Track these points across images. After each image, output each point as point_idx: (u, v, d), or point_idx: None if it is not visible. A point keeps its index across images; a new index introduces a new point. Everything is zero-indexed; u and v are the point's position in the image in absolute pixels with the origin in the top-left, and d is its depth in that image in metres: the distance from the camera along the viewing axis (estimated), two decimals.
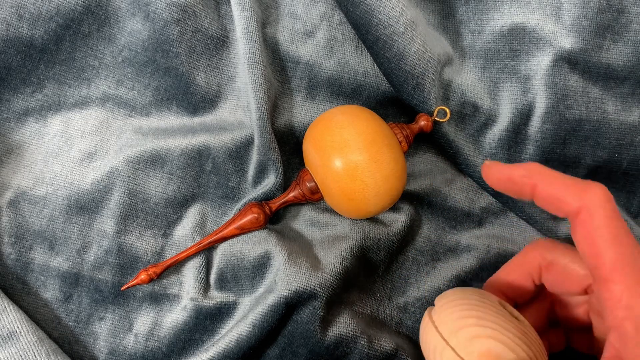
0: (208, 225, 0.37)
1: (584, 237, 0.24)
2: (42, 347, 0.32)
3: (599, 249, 0.23)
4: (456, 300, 0.28)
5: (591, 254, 0.24)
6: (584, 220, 0.24)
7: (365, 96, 0.39)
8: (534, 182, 0.26)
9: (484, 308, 0.26)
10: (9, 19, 0.35)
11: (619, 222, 0.24)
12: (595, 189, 0.24)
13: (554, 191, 0.25)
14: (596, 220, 0.24)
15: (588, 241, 0.24)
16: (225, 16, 0.39)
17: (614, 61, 0.38)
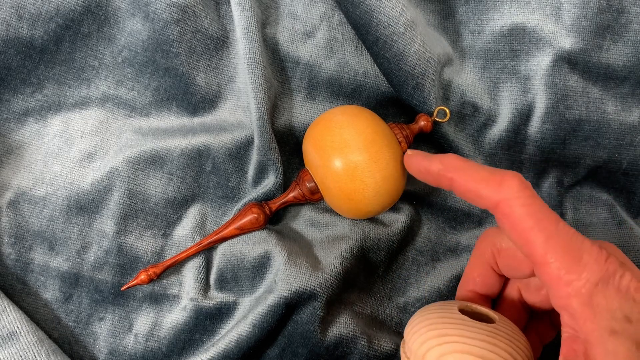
0: (208, 226, 0.37)
1: (509, 228, 0.24)
2: (42, 348, 0.32)
3: (527, 237, 0.24)
4: (418, 324, 0.27)
5: (520, 243, 0.24)
6: (504, 212, 0.24)
7: (365, 96, 0.39)
8: (450, 176, 0.27)
9: (445, 323, 0.26)
10: (9, 19, 0.35)
11: (537, 206, 0.24)
12: (509, 179, 0.25)
13: (470, 185, 0.26)
14: (516, 210, 0.24)
15: (514, 232, 0.24)
16: (225, 16, 0.39)
17: (614, 61, 0.38)
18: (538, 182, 0.39)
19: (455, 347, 0.25)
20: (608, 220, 0.39)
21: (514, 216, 0.24)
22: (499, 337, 0.25)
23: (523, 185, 0.25)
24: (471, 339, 0.25)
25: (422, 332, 0.27)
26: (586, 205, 0.40)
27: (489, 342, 0.25)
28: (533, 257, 0.24)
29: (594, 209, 0.39)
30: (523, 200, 0.24)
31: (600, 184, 0.40)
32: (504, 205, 0.24)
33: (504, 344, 0.25)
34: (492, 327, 0.26)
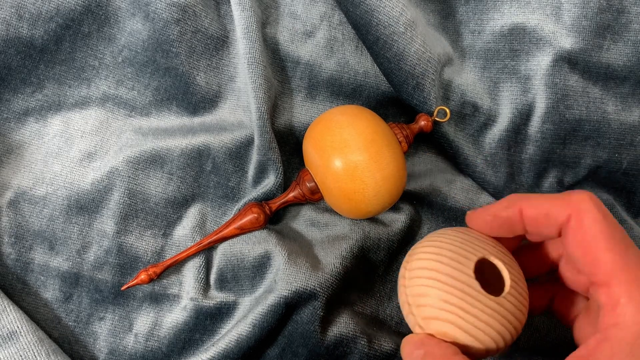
0: (208, 225, 0.37)
1: (576, 242, 0.23)
2: (42, 347, 0.32)
3: (594, 254, 0.23)
4: (424, 267, 0.26)
5: (586, 260, 0.23)
6: (574, 226, 0.23)
7: (365, 96, 0.39)
8: (518, 207, 0.26)
9: (450, 286, 0.25)
10: (9, 19, 0.35)
11: (610, 223, 0.23)
12: (580, 194, 0.24)
13: (540, 208, 0.25)
14: (586, 224, 0.23)
15: (581, 247, 0.23)
16: (225, 16, 0.39)
17: (614, 61, 0.38)
18: (538, 182, 0.39)
19: (450, 317, 0.25)
20: None
21: (583, 229, 0.23)
22: (498, 314, 0.25)
23: (595, 200, 0.24)
24: (469, 315, 0.25)
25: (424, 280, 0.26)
26: None
27: (485, 322, 0.24)
28: (595, 277, 0.23)
29: None
30: (594, 215, 0.23)
31: (601, 183, 0.40)
32: (574, 218, 0.23)
33: (500, 326, 0.25)
34: (497, 302, 0.25)
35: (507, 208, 0.26)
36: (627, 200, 0.40)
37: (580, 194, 0.24)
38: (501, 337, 0.25)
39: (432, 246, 0.27)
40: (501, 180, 0.39)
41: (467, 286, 0.25)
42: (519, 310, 0.26)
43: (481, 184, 0.39)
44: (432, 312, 0.25)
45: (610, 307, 0.22)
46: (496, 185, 0.39)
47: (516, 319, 0.25)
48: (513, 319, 0.25)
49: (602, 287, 0.22)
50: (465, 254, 0.26)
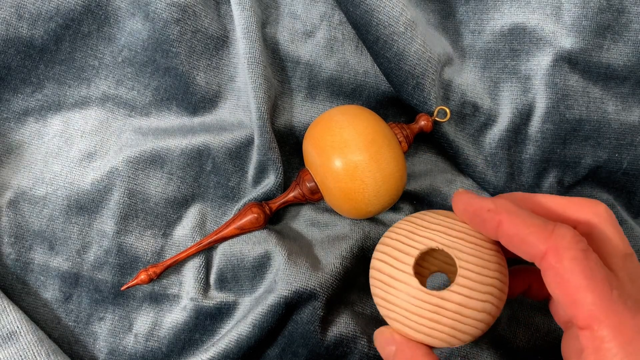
0: (208, 225, 0.37)
1: (555, 282, 0.22)
2: (42, 347, 0.32)
3: (573, 296, 0.21)
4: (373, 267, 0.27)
5: (565, 300, 0.22)
6: (552, 264, 0.22)
7: (365, 96, 0.39)
8: (499, 218, 0.24)
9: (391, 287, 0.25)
10: (9, 18, 0.35)
11: (592, 262, 0.22)
12: (562, 228, 0.22)
13: (518, 231, 0.23)
14: (565, 263, 0.21)
15: (560, 286, 0.22)
16: (225, 16, 0.39)
17: (614, 61, 0.38)
18: (538, 182, 0.39)
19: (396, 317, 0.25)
20: None
21: (562, 269, 0.21)
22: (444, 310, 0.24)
23: (577, 237, 0.22)
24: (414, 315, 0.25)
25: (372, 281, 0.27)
26: None
27: (431, 319, 0.24)
28: (576, 319, 0.21)
29: None
30: (575, 253, 0.21)
31: (601, 183, 0.40)
32: (552, 254, 0.22)
33: (448, 320, 0.24)
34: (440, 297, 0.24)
35: (488, 212, 0.25)
36: (627, 201, 0.40)
37: (563, 229, 0.22)
38: (457, 331, 0.24)
39: (382, 243, 0.27)
40: (501, 180, 0.38)
41: (406, 285, 0.25)
42: (476, 300, 0.24)
43: (481, 184, 0.39)
44: (383, 312, 0.26)
45: (592, 350, 0.21)
46: (496, 185, 0.39)
47: (474, 309, 0.24)
48: (469, 310, 0.24)
49: (584, 329, 0.21)
50: (408, 249, 0.26)
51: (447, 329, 0.24)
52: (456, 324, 0.24)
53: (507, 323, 0.37)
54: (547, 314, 0.37)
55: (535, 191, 0.39)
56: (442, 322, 0.24)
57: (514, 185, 0.39)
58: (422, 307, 0.24)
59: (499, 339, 0.37)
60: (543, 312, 0.37)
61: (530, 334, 0.37)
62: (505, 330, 0.37)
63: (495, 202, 0.25)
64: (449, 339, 0.25)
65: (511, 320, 0.37)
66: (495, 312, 0.25)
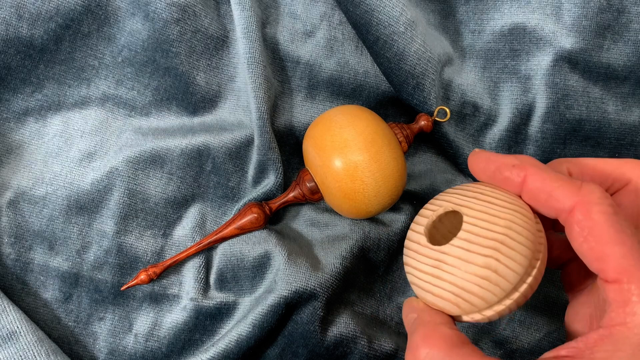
0: (208, 225, 0.37)
1: (582, 236, 0.22)
2: (41, 347, 0.32)
3: (602, 248, 0.21)
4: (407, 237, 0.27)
5: (593, 255, 0.21)
6: (580, 219, 0.22)
7: (365, 96, 0.39)
8: (525, 173, 0.24)
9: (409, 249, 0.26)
10: (9, 18, 0.35)
11: (619, 217, 0.21)
12: (590, 185, 0.22)
13: (545, 185, 0.23)
14: (595, 217, 0.21)
15: (588, 240, 0.21)
16: (225, 16, 0.39)
17: (615, 61, 0.38)
18: None
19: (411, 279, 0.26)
20: None
21: (591, 223, 0.21)
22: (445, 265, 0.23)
23: (605, 194, 0.22)
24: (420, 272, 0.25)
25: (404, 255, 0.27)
26: None
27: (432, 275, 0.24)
28: (604, 273, 0.21)
29: None
30: (604, 208, 0.21)
31: None
32: (581, 209, 0.21)
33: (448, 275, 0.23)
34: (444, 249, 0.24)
35: (512, 168, 0.24)
36: None
37: (591, 185, 0.22)
38: (459, 288, 0.23)
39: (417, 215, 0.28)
40: None
41: (417, 244, 0.25)
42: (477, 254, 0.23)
43: None
44: (409, 278, 0.26)
45: (620, 304, 0.20)
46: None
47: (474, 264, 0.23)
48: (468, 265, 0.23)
49: (612, 283, 0.21)
50: (427, 212, 0.26)
51: (447, 284, 0.23)
52: (456, 280, 0.23)
53: (507, 323, 0.37)
54: (547, 314, 0.37)
55: None
56: (443, 277, 0.23)
57: None
58: (424, 262, 0.24)
59: (499, 339, 0.37)
60: (543, 312, 0.37)
61: (530, 334, 0.37)
62: (505, 330, 0.37)
63: (518, 157, 0.25)
64: (453, 297, 0.23)
65: (511, 320, 0.37)
66: (505, 273, 0.23)
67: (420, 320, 0.24)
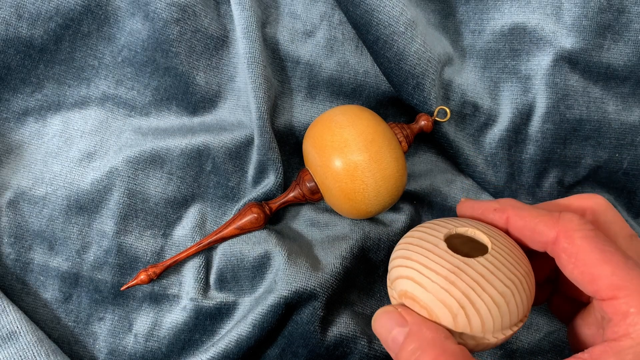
0: (208, 225, 0.37)
1: (570, 262, 0.23)
2: (41, 347, 0.32)
3: (592, 271, 0.22)
4: (404, 238, 0.26)
5: (584, 278, 0.22)
6: (565, 246, 0.23)
7: (365, 96, 0.39)
8: (506, 215, 0.25)
9: (417, 246, 0.24)
10: (9, 18, 0.35)
11: (601, 238, 0.22)
12: (568, 215, 0.23)
13: (526, 222, 0.24)
14: (578, 242, 0.22)
15: (577, 266, 0.22)
16: (225, 16, 0.39)
17: (615, 61, 0.38)
18: (538, 182, 0.39)
19: (409, 273, 0.23)
20: None
21: (576, 248, 0.22)
22: (463, 275, 0.23)
23: (583, 219, 0.23)
24: (429, 270, 0.23)
25: (397, 248, 0.25)
26: None
27: (446, 278, 0.22)
28: (598, 293, 0.22)
29: None
30: (585, 233, 0.22)
31: (601, 183, 0.40)
32: (563, 237, 0.23)
33: (464, 284, 0.22)
34: (465, 262, 0.23)
35: (495, 212, 0.26)
36: (628, 200, 0.40)
37: (568, 214, 0.23)
38: (469, 301, 0.22)
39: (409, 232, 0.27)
40: (501, 180, 0.38)
41: (433, 245, 0.24)
42: (499, 280, 0.23)
43: (481, 184, 0.39)
44: (396, 272, 0.24)
45: (620, 318, 0.21)
46: (496, 185, 0.39)
47: (493, 286, 0.23)
48: (488, 285, 0.23)
49: (608, 301, 0.22)
50: (436, 230, 0.25)
51: (458, 293, 0.22)
52: (470, 293, 0.22)
53: None
54: (547, 315, 0.37)
55: (536, 191, 0.39)
56: (457, 285, 0.22)
57: (514, 185, 0.39)
58: (441, 265, 0.23)
59: None
60: (543, 313, 0.37)
61: (530, 334, 0.37)
62: None
63: (499, 201, 0.26)
64: (456, 308, 0.22)
65: None
66: (513, 309, 0.23)
67: (420, 337, 0.22)
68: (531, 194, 0.39)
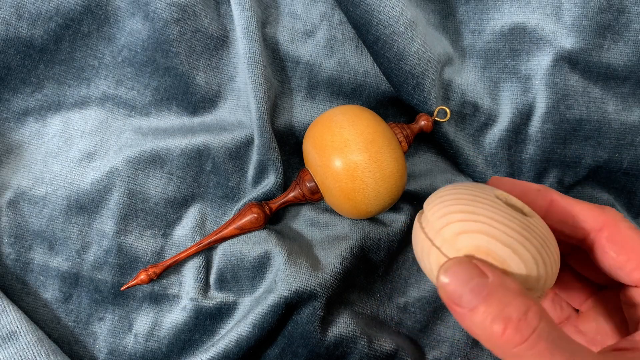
0: (208, 225, 0.37)
1: (616, 249, 0.23)
2: (41, 347, 0.32)
3: (638, 257, 0.23)
4: (444, 196, 0.24)
5: (630, 265, 0.23)
6: (611, 235, 0.23)
7: (365, 96, 0.39)
8: (550, 197, 0.25)
9: (475, 201, 0.23)
10: (9, 18, 0.35)
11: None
12: (609, 208, 0.24)
13: (571, 207, 0.25)
14: (624, 231, 0.23)
15: (623, 252, 0.23)
16: (225, 16, 0.39)
17: (615, 61, 0.38)
18: (538, 182, 0.39)
19: (480, 227, 0.21)
20: None
21: (622, 237, 0.23)
22: (532, 231, 0.22)
23: (623, 216, 0.24)
24: (501, 224, 0.21)
25: (446, 204, 0.23)
26: None
27: (519, 233, 0.21)
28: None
29: None
30: (630, 224, 0.24)
31: (601, 183, 0.40)
32: (610, 226, 0.23)
33: (535, 241, 0.22)
34: (527, 220, 0.23)
35: (538, 192, 0.26)
36: (628, 200, 0.40)
37: (611, 208, 0.24)
38: (540, 256, 0.22)
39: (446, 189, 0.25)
40: None
41: (493, 202, 0.23)
42: (551, 238, 0.23)
43: None
44: (460, 226, 0.22)
45: None
46: None
47: (551, 244, 0.22)
48: (545, 244, 0.22)
49: None
50: (483, 188, 0.24)
51: (534, 250, 0.22)
52: (542, 250, 0.22)
53: None
54: None
55: None
56: (531, 240, 0.22)
57: None
58: (511, 221, 0.22)
59: None
60: None
61: None
62: None
63: (538, 185, 0.26)
64: (532, 264, 0.21)
65: None
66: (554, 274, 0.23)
67: (505, 288, 0.20)
68: None
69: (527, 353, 0.19)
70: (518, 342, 0.19)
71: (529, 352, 0.19)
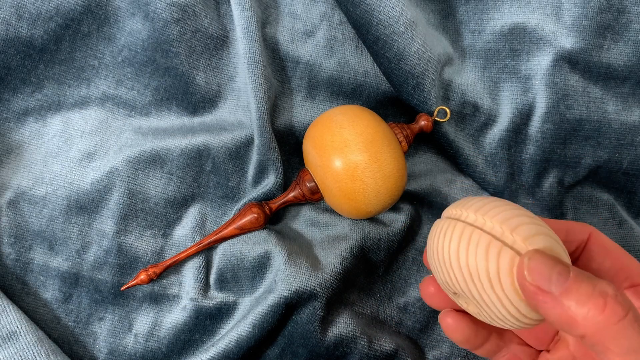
0: (208, 225, 0.37)
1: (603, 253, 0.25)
2: (41, 347, 0.32)
3: (622, 260, 0.24)
4: (491, 202, 0.25)
5: (617, 265, 0.24)
6: (597, 242, 0.25)
7: (365, 96, 0.39)
8: (589, 230, 0.26)
9: (520, 209, 0.24)
10: (9, 18, 0.35)
11: None
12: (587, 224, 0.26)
13: (561, 225, 0.26)
14: (605, 240, 0.25)
15: (610, 256, 0.25)
16: (225, 16, 0.39)
17: (615, 61, 0.38)
18: (538, 182, 0.39)
19: (546, 230, 0.23)
20: (608, 220, 0.39)
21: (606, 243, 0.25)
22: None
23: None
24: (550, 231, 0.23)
25: (505, 209, 0.24)
26: (587, 205, 0.40)
27: (556, 241, 0.23)
28: (632, 279, 0.24)
29: (595, 209, 0.39)
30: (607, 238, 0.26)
31: (601, 183, 0.40)
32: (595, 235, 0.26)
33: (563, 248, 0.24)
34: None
35: (576, 223, 0.27)
36: (628, 200, 0.40)
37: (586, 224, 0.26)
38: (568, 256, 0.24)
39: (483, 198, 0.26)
40: (501, 180, 0.38)
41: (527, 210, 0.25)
42: None
43: (481, 184, 0.39)
44: (534, 229, 0.23)
45: None
46: (496, 185, 0.39)
47: None
48: None
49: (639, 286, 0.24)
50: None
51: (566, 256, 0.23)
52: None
53: None
54: None
55: (536, 191, 0.39)
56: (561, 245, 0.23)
57: (514, 185, 0.39)
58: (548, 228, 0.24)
59: None
60: None
61: None
62: None
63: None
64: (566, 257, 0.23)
65: None
66: None
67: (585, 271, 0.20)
68: (531, 194, 0.39)
69: (630, 327, 0.18)
70: (621, 315, 0.18)
71: (632, 326, 0.18)
